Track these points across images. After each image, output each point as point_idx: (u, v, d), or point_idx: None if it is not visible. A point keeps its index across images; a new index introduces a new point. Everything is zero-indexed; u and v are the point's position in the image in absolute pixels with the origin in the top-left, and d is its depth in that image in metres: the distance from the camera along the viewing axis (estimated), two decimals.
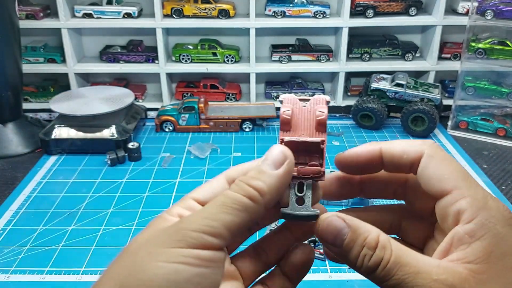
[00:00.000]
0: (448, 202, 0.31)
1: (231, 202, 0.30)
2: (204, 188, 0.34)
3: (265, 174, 0.31)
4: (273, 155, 0.32)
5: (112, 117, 1.18)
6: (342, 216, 0.32)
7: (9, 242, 0.85)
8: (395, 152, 0.34)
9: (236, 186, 0.31)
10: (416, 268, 0.29)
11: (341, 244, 0.31)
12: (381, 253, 0.30)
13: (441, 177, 0.32)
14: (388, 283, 0.30)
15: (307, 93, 1.42)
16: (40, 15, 1.31)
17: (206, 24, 1.33)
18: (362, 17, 1.33)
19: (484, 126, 1.27)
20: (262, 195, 0.30)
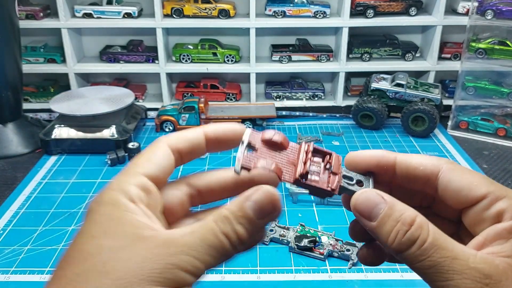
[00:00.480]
0: (484, 207, 0.31)
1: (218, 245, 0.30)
2: (151, 161, 0.33)
3: (251, 222, 0.31)
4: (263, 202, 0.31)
5: (112, 117, 1.18)
6: (380, 193, 0.32)
7: (9, 243, 0.85)
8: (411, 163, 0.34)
9: (223, 225, 0.30)
10: (453, 253, 0.29)
11: (375, 218, 0.31)
12: (418, 231, 0.29)
13: (470, 185, 0.32)
14: (422, 264, 0.29)
15: (307, 93, 1.42)
16: (40, 15, 1.31)
17: (206, 24, 1.33)
18: (362, 17, 1.33)
19: (484, 126, 1.27)
20: (242, 243, 0.31)
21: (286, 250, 0.83)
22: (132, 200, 0.31)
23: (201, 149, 0.36)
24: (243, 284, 0.75)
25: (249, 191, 0.32)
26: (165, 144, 0.34)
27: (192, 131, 0.36)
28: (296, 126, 1.34)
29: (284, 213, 0.92)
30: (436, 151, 1.19)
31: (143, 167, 0.33)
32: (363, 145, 1.22)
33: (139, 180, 0.32)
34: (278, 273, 0.77)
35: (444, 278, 0.28)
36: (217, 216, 0.31)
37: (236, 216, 0.31)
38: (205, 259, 0.29)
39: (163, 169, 0.33)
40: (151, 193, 0.32)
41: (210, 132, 0.36)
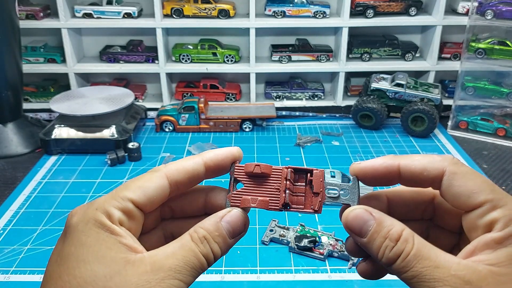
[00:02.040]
0: (478, 215, 0.32)
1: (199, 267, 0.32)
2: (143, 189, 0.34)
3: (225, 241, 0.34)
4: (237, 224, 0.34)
5: (112, 117, 1.18)
6: (369, 209, 0.33)
7: (9, 242, 0.85)
8: (415, 169, 0.35)
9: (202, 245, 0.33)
10: (435, 263, 0.30)
11: (365, 234, 0.32)
12: (403, 246, 0.31)
13: (470, 193, 0.32)
14: (406, 275, 0.31)
15: (307, 93, 1.42)
16: (40, 15, 1.31)
17: (206, 24, 1.33)
18: (362, 17, 1.34)
19: (484, 126, 1.27)
20: (215, 260, 0.33)
21: (286, 250, 0.83)
22: (113, 222, 0.32)
23: (200, 179, 0.37)
24: (243, 284, 0.75)
25: (223, 211, 0.34)
26: (163, 175, 0.35)
27: (192, 162, 0.36)
28: (296, 126, 1.34)
29: (284, 213, 0.92)
30: (436, 151, 1.19)
31: (132, 193, 0.34)
32: (363, 145, 1.22)
33: (124, 205, 0.33)
34: (278, 273, 0.77)
35: (426, 286, 0.30)
36: (195, 235, 0.33)
37: (213, 235, 0.33)
38: (188, 280, 0.32)
39: (153, 199, 0.34)
40: (133, 219, 0.34)
41: (210, 161, 0.37)
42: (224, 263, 0.79)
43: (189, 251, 0.32)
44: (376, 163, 0.36)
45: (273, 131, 1.31)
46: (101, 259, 0.30)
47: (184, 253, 0.32)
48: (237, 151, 0.38)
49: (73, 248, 0.31)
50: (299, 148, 1.20)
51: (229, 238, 0.34)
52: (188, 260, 0.31)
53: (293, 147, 1.21)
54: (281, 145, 1.22)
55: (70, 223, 0.33)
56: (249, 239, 0.85)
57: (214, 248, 0.33)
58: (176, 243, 0.33)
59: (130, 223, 0.33)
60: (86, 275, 0.30)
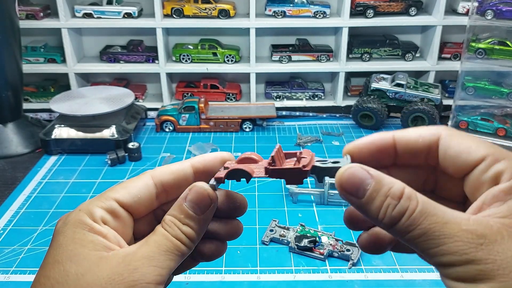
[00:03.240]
0: (483, 170, 0.30)
1: (174, 248, 0.32)
2: (127, 188, 0.34)
3: (194, 220, 0.33)
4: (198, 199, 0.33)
5: (112, 117, 1.18)
6: (365, 167, 0.30)
7: (10, 242, 0.85)
8: (410, 137, 0.33)
9: (171, 229, 0.32)
10: (444, 219, 0.28)
11: (363, 194, 0.30)
12: (406, 203, 0.29)
13: (469, 149, 0.31)
14: (413, 234, 0.28)
15: (307, 93, 1.42)
16: (40, 15, 1.31)
17: (206, 24, 1.33)
18: (362, 17, 1.33)
19: (484, 126, 1.27)
20: (192, 241, 0.33)
21: (286, 250, 0.83)
22: (95, 221, 0.32)
23: (188, 182, 0.36)
24: (243, 284, 0.75)
25: (184, 192, 0.34)
26: (148, 176, 0.35)
27: (179, 164, 0.36)
28: (296, 126, 1.34)
29: (284, 213, 0.92)
30: None
31: (116, 193, 0.34)
32: None
33: (108, 204, 0.33)
34: (278, 273, 0.77)
35: (435, 244, 0.28)
36: (163, 222, 0.33)
37: (179, 218, 0.33)
38: (166, 264, 0.31)
39: (138, 198, 0.34)
40: (119, 218, 0.33)
41: (198, 163, 0.36)
42: (224, 263, 0.79)
43: (160, 236, 0.32)
44: (371, 138, 0.35)
45: (273, 131, 1.31)
46: (74, 257, 0.30)
47: (155, 238, 0.32)
48: (228, 154, 0.37)
49: (51, 250, 0.31)
50: (300, 148, 1.20)
51: (198, 215, 0.33)
52: (160, 244, 0.31)
53: (294, 147, 1.21)
54: (282, 145, 1.21)
55: (55, 228, 0.33)
56: (249, 239, 0.85)
57: (184, 230, 0.32)
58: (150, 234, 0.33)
59: (116, 222, 0.33)
60: (59, 275, 0.30)
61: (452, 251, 0.27)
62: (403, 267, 0.78)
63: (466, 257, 0.27)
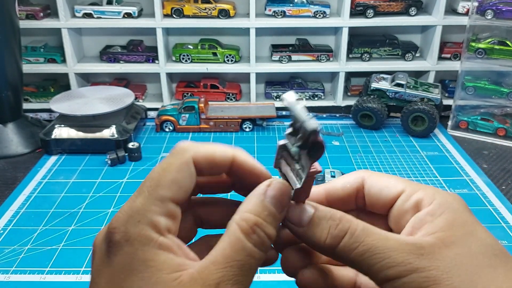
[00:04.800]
0: (404, 200, 0.33)
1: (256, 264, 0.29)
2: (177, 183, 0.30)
3: (275, 219, 0.31)
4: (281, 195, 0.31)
5: (112, 117, 1.18)
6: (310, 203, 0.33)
7: (10, 242, 0.85)
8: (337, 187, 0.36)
9: (255, 235, 0.29)
10: (385, 235, 0.30)
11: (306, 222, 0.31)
12: (347, 224, 0.31)
13: (388, 184, 0.34)
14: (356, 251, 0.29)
15: (307, 92, 1.42)
16: (40, 15, 1.31)
17: (206, 24, 1.33)
18: (362, 17, 1.33)
19: (484, 126, 1.27)
20: (272, 242, 0.31)
21: None
22: (162, 234, 0.28)
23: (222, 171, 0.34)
24: None
25: (261, 187, 0.31)
26: (191, 160, 0.31)
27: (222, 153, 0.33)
28: None
29: None
30: (436, 151, 1.19)
31: (170, 190, 0.30)
32: (363, 145, 1.22)
33: (167, 209, 0.29)
34: (278, 273, 0.77)
35: (380, 258, 0.29)
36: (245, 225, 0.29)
37: (263, 217, 0.30)
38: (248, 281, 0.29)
39: (187, 191, 0.31)
40: (176, 220, 0.30)
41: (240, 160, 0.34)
42: None
43: (242, 252, 0.28)
44: None
45: (273, 131, 1.31)
46: (154, 286, 0.27)
47: (236, 257, 0.28)
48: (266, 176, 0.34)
49: (122, 276, 0.27)
50: None
51: (279, 214, 0.31)
52: (243, 264, 0.28)
53: None
54: None
55: (113, 242, 0.28)
56: None
57: (269, 231, 0.30)
58: (225, 242, 0.29)
59: (175, 225, 0.30)
60: None
61: (398, 262, 0.28)
62: None
63: (411, 266, 0.28)
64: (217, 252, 0.28)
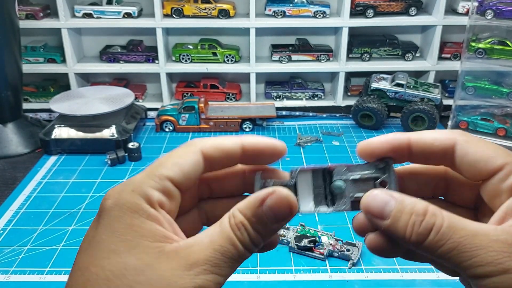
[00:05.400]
0: (501, 178, 0.30)
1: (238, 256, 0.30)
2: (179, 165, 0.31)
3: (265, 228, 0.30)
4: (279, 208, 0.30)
5: (112, 117, 1.18)
6: (387, 191, 0.31)
7: (9, 242, 0.85)
8: (426, 140, 0.33)
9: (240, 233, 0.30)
10: (472, 231, 0.28)
11: (388, 215, 0.30)
12: (432, 219, 0.29)
13: (487, 157, 0.31)
14: (443, 249, 0.28)
15: (307, 92, 1.42)
16: (40, 15, 1.31)
17: (206, 24, 1.33)
18: (362, 17, 1.33)
19: (484, 126, 1.27)
20: (257, 247, 0.31)
21: (286, 250, 0.83)
22: (152, 206, 0.29)
23: (235, 161, 0.34)
24: (243, 284, 0.75)
25: (263, 192, 0.31)
26: (198, 150, 0.32)
27: (230, 140, 0.33)
28: (296, 126, 1.34)
29: None
30: None
31: (169, 170, 0.31)
32: None
33: (162, 185, 0.30)
34: (278, 273, 0.77)
35: (468, 256, 0.28)
36: (233, 221, 0.30)
37: (251, 221, 0.30)
38: (226, 272, 0.30)
39: (189, 176, 0.32)
40: (173, 199, 0.31)
41: (249, 144, 0.34)
42: None
43: (227, 240, 0.29)
44: (386, 137, 0.34)
45: (273, 131, 1.31)
46: (133, 249, 0.28)
47: (221, 242, 0.29)
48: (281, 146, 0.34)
49: (104, 236, 0.28)
50: (299, 148, 1.20)
51: (271, 224, 0.30)
52: (226, 251, 0.29)
53: (293, 147, 1.21)
54: None
55: (104, 207, 0.29)
56: None
57: (253, 236, 0.30)
58: (214, 229, 0.30)
59: (170, 204, 0.31)
60: (116, 267, 0.27)
61: (487, 261, 0.27)
62: (403, 267, 0.78)
63: (502, 266, 0.27)
64: (204, 235, 0.30)
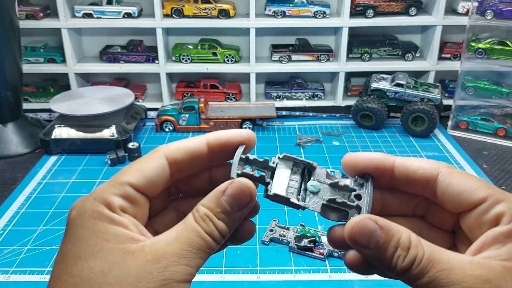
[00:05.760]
0: (482, 211, 0.31)
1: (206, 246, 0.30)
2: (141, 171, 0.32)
3: (230, 216, 0.32)
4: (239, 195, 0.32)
5: (112, 117, 1.18)
6: (373, 218, 0.31)
7: (9, 243, 0.85)
8: (410, 166, 0.34)
9: (205, 224, 0.31)
10: (449, 265, 0.29)
11: (375, 246, 0.31)
12: (414, 252, 0.30)
13: (471, 189, 0.32)
14: (421, 281, 0.29)
15: (307, 93, 1.42)
16: (40, 15, 1.31)
17: (206, 24, 1.33)
18: (362, 17, 1.33)
19: (484, 126, 1.27)
20: (224, 237, 0.31)
21: (286, 250, 0.83)
22: (114, 211, 0.30)
23: (203, 160, 0.35)
24: (243, 284, 0.75)
25: (223, 185, 0.32)
26: (162, 154, 0.33)
27: (194, 141, 0.34)
28: (296, 126, 1.34)
29: (284, 213, 0.92)
30: (436, 151, 1.19)
31: (130, 176, 0.32)
32: (363, 145, 1.22)
33: (123, 190, 0.31)
34: (278, 273, 0.77)
35: None
36: (197, 215, 0.31)
37: (215, 212, 0.31)
38: (196, 262, 0.30)
39: (153, 180, 0.32)
40: (137, 204, 0.32)
41: (213, 139, 0.34)
42: (224, 263, 0.79)
43: (192, 232, 0.30)
44: (372, 155, 0.35)
45: (273, 131, 1.31)
46: (98, 253, 0.28)
47: (187, 235, 0.30)
48: (247, 134, 0.35)
49: (70, 245, 0.30)
50: (299, 148, 1.20)
51: (235, 212, 0.32)
52: (192, 242, 0.30)
53: (293, 147, 1.21)
54: (281, 145, 1.22)
55: (69, 218, 0.31)
56: None
57: (219, 225, 0.31)
58: (179, 225, 0.31)
59: (135, 209, 0.31)
60: (83, 272, 0.28)
61: None
62: None
63: None
64: (170, 231, 0.31)
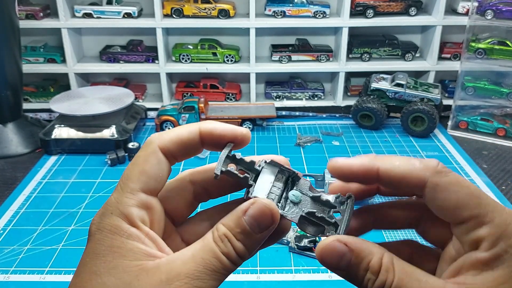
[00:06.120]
0: (463, 231, 0.30)
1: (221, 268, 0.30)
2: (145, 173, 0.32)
3: (249, 237, 0.31)
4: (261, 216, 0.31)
5: (112, 117, 1.18)
6: (343, 240, 0.31)
7: (9, 242, 0.85)
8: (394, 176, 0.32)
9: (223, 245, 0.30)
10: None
11: (345, 268, 0.31)
12: (384, 277, 0.30)
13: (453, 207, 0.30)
14: None
15: (307, 93, 1.42)
16: (40, 15, 1.31)
17: (206, 24, 1.33)
18: (362, 17, 1.33)
19: (484, 126, 1.27)
20: (242, 259, 0.31)
21: (286, 250, 0.83)
22: (133, 224, 0.30)
23: (196, 147, 0.34)
24: (243, 284, 0.75)
25: (244, 204, 0.31)
26: (156, 148, 0.33)
27: (186, 129, 0.34)
28: (295, 126, 1.34)
29: None
30: (436, 151, 1.19)
31: (139, 181, 0.32)
32: (363, 145, 1.22)
33: (138, 199, 0.31)
34: (278, 273, 0.77)
35: None
36: (216, 234, 0.31)
37: (234, 233, 0.31)
38: (210, 284, 0.29)
39: (157, 178, 0.32)
40: (152, 209, 0.32)
41: (206, 132, 0.34)
42: None
43: (209, 252, 0.30)
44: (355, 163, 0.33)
45: (273, 131, 1.31)
46: (113, 269, 0.29)
47: (203, 255, 0.30)
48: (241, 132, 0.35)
49: (88, 259, 0.30)
50: (299, 148, 1.20)
51: (255, 233, 0.31)
52: (208, 263, 0.29)
53: (293, 147, 1.21)
54: (281, 145, 1.22)
55: (90, 232, 0.31)
56: None
57: (237, 246, 0.30)
58: (198, 243, 0.31)
59: (151, 215, 0.32)
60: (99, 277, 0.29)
61: None
62: None
63: None
64: (187, 250, 0.30)
